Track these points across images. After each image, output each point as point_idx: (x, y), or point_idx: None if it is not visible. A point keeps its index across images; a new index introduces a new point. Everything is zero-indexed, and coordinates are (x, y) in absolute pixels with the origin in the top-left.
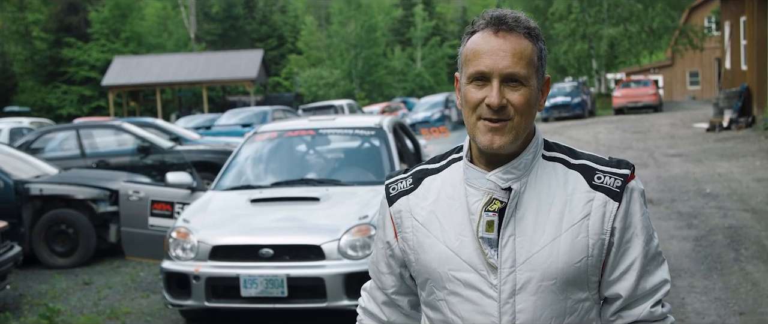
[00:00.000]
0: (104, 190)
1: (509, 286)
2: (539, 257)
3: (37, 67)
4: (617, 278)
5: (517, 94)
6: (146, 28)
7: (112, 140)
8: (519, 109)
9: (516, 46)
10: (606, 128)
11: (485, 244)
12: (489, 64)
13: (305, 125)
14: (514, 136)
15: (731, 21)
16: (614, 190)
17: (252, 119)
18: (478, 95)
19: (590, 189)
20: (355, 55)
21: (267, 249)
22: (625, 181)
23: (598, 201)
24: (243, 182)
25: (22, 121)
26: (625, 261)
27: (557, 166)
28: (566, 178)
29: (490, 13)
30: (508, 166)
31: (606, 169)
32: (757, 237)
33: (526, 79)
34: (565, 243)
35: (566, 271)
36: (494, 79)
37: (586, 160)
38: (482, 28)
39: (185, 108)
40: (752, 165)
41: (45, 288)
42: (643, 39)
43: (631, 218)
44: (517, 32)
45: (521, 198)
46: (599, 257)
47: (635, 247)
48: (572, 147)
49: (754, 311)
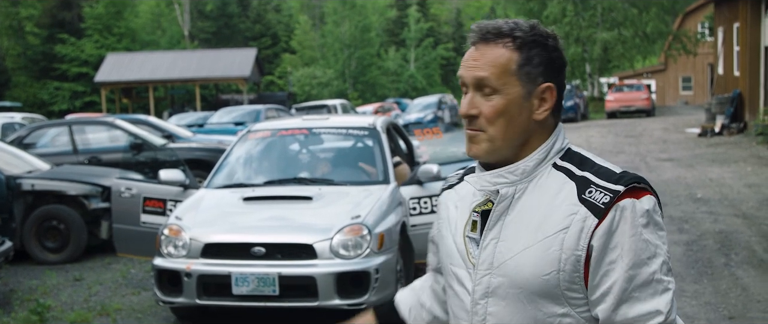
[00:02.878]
0: (96, 187)
1: (482, 287)
2: (510, 264)
3: (29, 62)
4: (598, 300)
5: (488, 105)
6: (140, 24)
7: (105, 137)
8: (490, 119)
9: (487, 56)
10: (598, 132)
11: (471, 243)
12: (462, 74)
13: (298, 124)
14: (489, 146)
15: (724, 27)
16: (598, 206)
17: (245, 118)
18: (463, 103)
19: (577, 202)
20: (349, 55)
21: (259, 247)
22: (615, 199)
23: (579, 215)
24: (236, 180)
25: (14, 117)
26: (605, 282)
27: (561, 176)
28: (562, 188)
29: (474, 25)
30: (501, 170)
31: (601, 184)
32: (747, 242)
33: (498, 87)
34: (535, 253)
35: (532, 281)
36: (468, 87)
37: (591, 172)
38: (470, 39)
39: (178, 105)
40: (743, 170)
41: (36, 283)
42: (636, 43)
43: (618, 238)
44: (495, 43)
45: (514, 204)
46: (574, 273)
47: (617, 270)
48: (591, 157)
49: (743, 316)
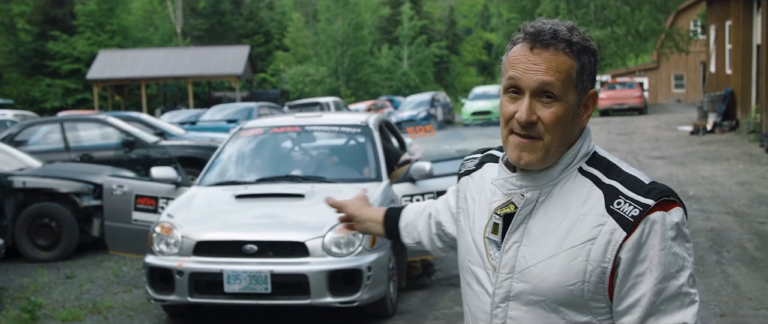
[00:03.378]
0: (88, 184)
1: (503, 291)
2: (534, 271)
3: (21, 59)
4: (624, 311)
5: (549, 112)
6: (132, 21)
7: (97, 134)
8: (549, 127)
9: (550, 62)
10: (591, 129)
11: (490, 244)
12: (520, 77)
13: (291, 122)
14: (544, 155)
15: (717, 25)
16: (627, 219)
17: (237, 115)
18: (510, 108)
19: (605, 213)
20: (342, 52)
21: (251, 245)
22: (645, 212)
23: (607, 227)
24: (228, 178)
25: (6, 114)
26: (632, 295)
27: (587, 183)
28: (589, 196)
29: (529, 26)
30: (528, 174)
31: (630, 195)
32: (739, 240)
33: (559, 94)
34: (561, 263)
35: (556, 290)
36: (526, 93)
37: (619, 181)
38: (520, 40)
39: (170, 103)
40: (735, 168)
41: (27, 281)
42: (629, 41)
43: (647, 251)
44: (555, 47)
45: (538, 208)
46: (599, 284)
47: (646, 283)
48: (618, 164)
49: (734, 313)
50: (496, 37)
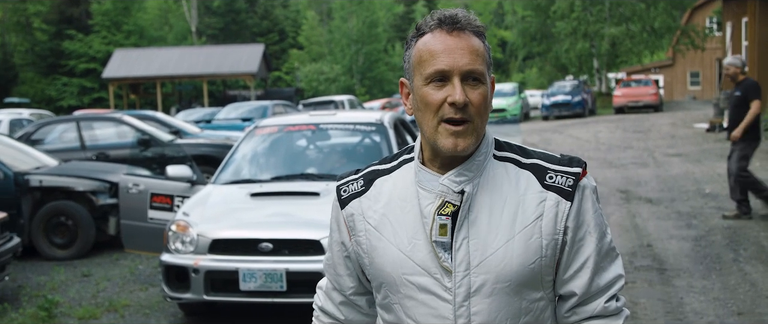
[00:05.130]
0: (104, 183)
1: (464, 289)
2: (493, 260)
3: (37, 58)
4: (571, 276)
5: (477, 93)
6: (148, 20)
7: (112, 133)
8: (478, 109)
9: (470, 46)
10: (606, 127)
11: (439, 247)
12: (449, 62)
13: (306, 120)
14: (476, 138)
15: (733, 21)
16: (566, 190)
17: (252, 113)
18: (438, 96)
19: (542, 189)
20: (356, 50)
21: (266, 243)
22: (577, 180)
23: (550, 201)
24: (243, 176)
25: (22, 113)
26: (578, 259)
27: (508, 166)
28: (518, 178)
29: (441, 13)
30: (460, 168)
31: (557, 168)
32: (756, 238)
33: (483, 77)
34: (518, 245)
35: (521, 272)
36: (455, 77)
37: (538, 159)
38: (433, 28)
39: (185, 101)
40: (751, 166)
41: (44, 279)
42: (644, 38)
43: (584, 216)
44: (469, 31)
45: (474, 200)
46: (553, 257)
47: (588, 245)
48: (523, 146)
49: (752, 311)
50: (510, 35)
